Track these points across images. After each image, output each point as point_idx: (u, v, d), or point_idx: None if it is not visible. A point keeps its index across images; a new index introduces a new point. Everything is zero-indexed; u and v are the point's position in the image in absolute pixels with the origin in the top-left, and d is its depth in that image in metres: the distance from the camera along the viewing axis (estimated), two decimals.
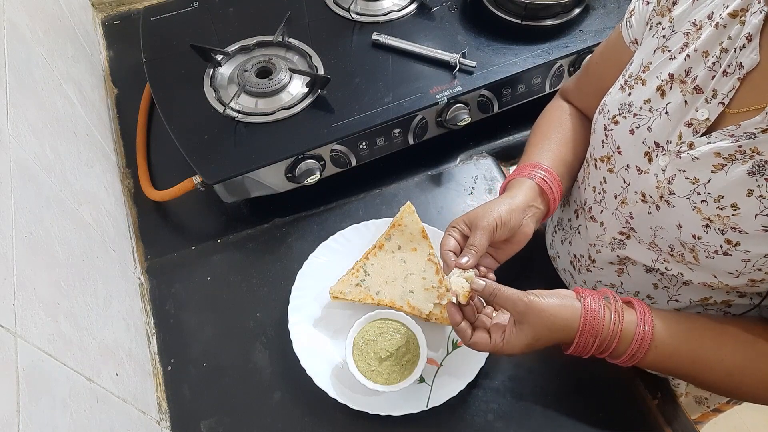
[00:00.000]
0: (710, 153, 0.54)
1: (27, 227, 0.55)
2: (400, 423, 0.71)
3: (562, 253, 0.81)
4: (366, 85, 0.91)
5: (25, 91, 0.66)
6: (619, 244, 0.68)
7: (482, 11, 1.01)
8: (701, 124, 0.55)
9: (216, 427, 0.74)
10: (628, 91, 0.63)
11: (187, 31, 1.00)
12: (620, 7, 0.99)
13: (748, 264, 0.55)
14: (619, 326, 0.59)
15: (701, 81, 0.56)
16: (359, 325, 0.74)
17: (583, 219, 0.73)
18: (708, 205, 0.55)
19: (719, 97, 0.54)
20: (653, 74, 0.61)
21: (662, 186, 0.59)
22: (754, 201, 0.52)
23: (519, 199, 0.68)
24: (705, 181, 0.55)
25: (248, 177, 0.84)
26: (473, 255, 0.65)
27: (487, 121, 0.96)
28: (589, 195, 0.72)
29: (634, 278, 0.69)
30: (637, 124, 0.61)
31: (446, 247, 0.67)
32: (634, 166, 0.62)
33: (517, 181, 0.72)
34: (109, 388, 0.62)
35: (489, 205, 0.68)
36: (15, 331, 0.47)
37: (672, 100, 0.58)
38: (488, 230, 0.65)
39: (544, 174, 0.71)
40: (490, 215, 0.66)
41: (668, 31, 0.61)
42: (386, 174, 0.96)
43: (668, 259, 0.62)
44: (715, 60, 0.55)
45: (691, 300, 0.65)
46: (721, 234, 0.55)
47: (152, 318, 0.83)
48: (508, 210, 0.67)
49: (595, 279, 0.74)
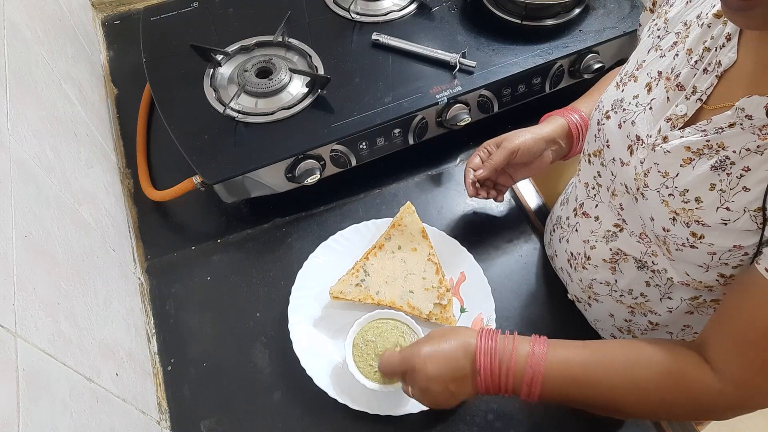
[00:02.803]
0: (681, 147, 0.56)
1: (27, 227, 0.55)
2: (400, 423, 0.71)
3: (559, 252, 0.82)
4: (366, 85, 0.91)
5: (25, 91, 0.66)
6: (613, 236, 0.69)
7: (482, 11, 1.01)
8: (679, 119, 0.57)
9: (216, 427, 0.74)
10: (622, 87, 0.65)
11: (187, 31, 1.00)
12: (620, 7, 0.99)
13: (714, 257, 0.56)
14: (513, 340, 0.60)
15: (683, 78, 0.58)
16: (359, 325, 0.74)
17: (578, 217, 0.75)
18: (674, 199, 0.56)
19: (698, 93, 0.56)
20: (644, 71, 0.63)
21: (639, 178, 0.61)
22: (715, 195, 0.53)
23: (546, 131, 0.79)
24: (673, 175, 0.56)
25: (248, 177, 0.84)
26: (487, 168, 0.78)
27: (487, 121, 0.96)
28: (581, 191, 0.74)
29: (627, 276, 0.69)
30: (625, 119, 0.63)
31: (470, 164, 0.81)
32: (619, 159, 0.64)
33: (553, 118, 0.81)
34: (109, 388, 0.62)
35: (519, 131, 0.79)
36: (15, 331, 0.47)
37: (656, 96, 0.60)
38: (509, 150, 0.77)
39: (578, 119, 0.80)
40: (516, 139, 0.78)
41: (663, 32, 0.63)
42: (386, 174, 0.96)
43: (656, 252, 0.64)
44: (698, 58, 0.56)
45: (683, 298, 0.65)
46: (686, 227, 0.56)
47: (152, 318, 0.83)
48: (534, 138, 0.78)
49: (591, 277, 0.74)
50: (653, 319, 0.71)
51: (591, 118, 0.71)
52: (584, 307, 0.81)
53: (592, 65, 0.96)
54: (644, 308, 0.71)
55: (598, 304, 0.77)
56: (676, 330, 0.71)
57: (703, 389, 0.55)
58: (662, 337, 0.74)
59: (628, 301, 0.72)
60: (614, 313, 0.76)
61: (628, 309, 0.73)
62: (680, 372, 0.56)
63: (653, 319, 0.71)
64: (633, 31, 0.96)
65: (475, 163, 0.80)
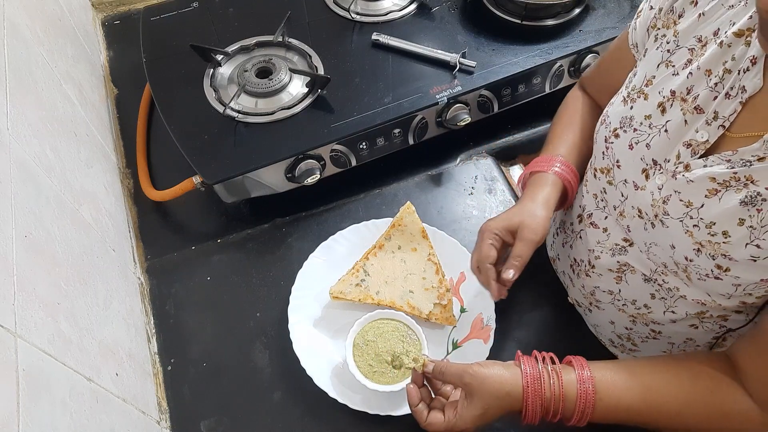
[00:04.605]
0: (705, 177, 0.53)
1: (27, 227, 0.55)
2: (400, 423, 0.71)
3: (562, 256, 0.81)
4: (366, 85, 0.91)
5: (25, 91, 0.66)
6: (621, 250, 0.67)
7: (482, 11, 1.01)
8: (700, 145, 0.54)
9: (216, 427, 0.74)
10: (630, 104, 0.62)
11: (187, 31, 1.00)
12: (620, 7, 0.99)
13: (739, 288, 0.55)
14: (560, 386, 0.59)
15: (702, 101, 0.54)
16: (359, 325, 0.74)
17: (584, 224, 0.73)
18: (700, 230, 0.54)
19: (720, 119, 0.53)
20: (655, 89, 0.59)
21: (657, 205, 0.58)
22: (744, 230, 0.51)
23: (552, 203, 0.70)
24: (698, 206, 0.54)
25: (248, 177, 0.84)
26: (517, 268, 0.66)
27: (487, 121, 0.96)
28: (590, 201, 0.72)
29: (632, 287, 0.68)
30: (637, 140, 0.61)
31: (486, 259, 0.68)
32: (632, 182, 0.62)
33: (545, 179, 0.72)
34: (109, 388, 0.62)
35: (534, 213, 0.69)
36: (15, 331, 0.47)
37: (672, 118, 0.57)
38: (534, 243, 0.67)
39: (569, 172, 0.73)
40: (539, 226, 0.67)
41: (673, 46, 0.59)
42: (386, 174, 0.96)
43: (666, 272, 0.62)
44: (718, 80, 0.53)
45: (688, 313, 0.64)
46: (711, 259, 0.54)
47: (152, 318, 0.83)
48: (549, 217, 0.69)
49: (594, 285, 0.73)
50: (655, 329, 0.70)
51: (597, 132, 0.68)
52: (584, 312, 0.81)
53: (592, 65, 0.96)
54: (646, 319, 0.70)
55: (599, 311, 0.76)
56: (678, 340, 0.71)
57: (747, 422, 0.57)
58: (663, 346, 0.73)
59: (630, 310, 0.71)
60: (615, 320, 0.75)
61: (629, 318, 0.72)
62: (726, 412, 0.58)
63: (655, 328, 0.70)
64: None
65: (491, 256, 0.68)
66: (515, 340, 0.80)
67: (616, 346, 0.79)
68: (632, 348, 0.77)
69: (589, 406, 0.59)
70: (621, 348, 0.79)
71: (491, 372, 0.61)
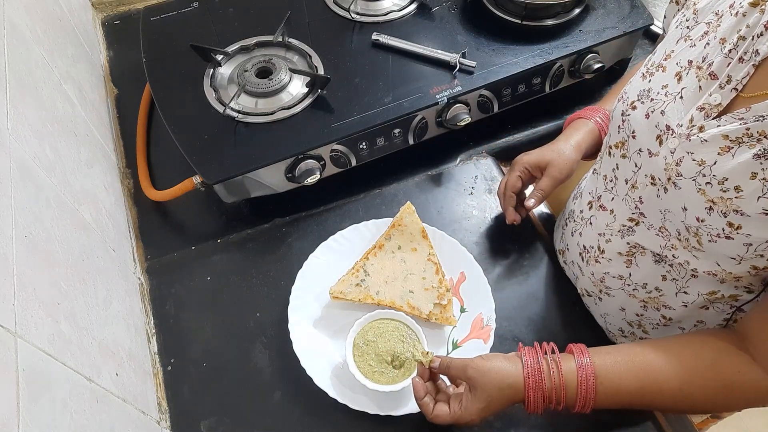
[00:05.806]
0: (718, 135, 0.54)
1: (27, 227, 0.55)
2: (400, 423, 0.71)
3: (571, 246, 0.81)
4: (366, 85, 0.91)
5: (25, 91, 0.66)
6: (629, 230, 0.68)
7: (482, 11, 1.01)
8: (713, 108, 0.56)
9: (216, 427, 0.74)
10: (649, 78, 0.64)
11: (187, 31, 1.00)
12: (620, 7, 0.99)
13: (750, 248, 0.55)
14: (559, 375, 0.62)
15: (716, 67, 0.56)
16: (359, 325, 0.74)
17: (594, 210, 0.74)
18: (712, 187, 0.55)
19: (733, 83, 0.54)
20: (673, 61, 0.62)
21: (670, 168, 0.59)
22: (757, 184, 0.52)
23: (585, 146, 0.79)
24: (711, 164, 0.55)
25: (248, 177, 0.84)
26: (538, 198, 0.77)
27: (487, 121, 0.96)
28: (600, 184, 0.73)
29: (642, 269, 0.69)
30: (653, 108, 0.62)
31: (514, 189, 0.79)
32: (646, 150, 0.63)
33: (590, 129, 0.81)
34: (109, 388, 0.62)
35: (563, 154, 0.78)
36: (15, 331, 0.47)
37: (687, 85, 0.59)
38: (559, 180, 0.77)
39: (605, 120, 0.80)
40: (565, 166, 0.77)
41: (692, 23, 0.62)
42: (386, 174, 0.96)
43: (676, 246, 0.63)
44: (732, 47, 0.55)
45: (699, 293, 0.65)
46: (723, 216, 0.55)
47: (152, 318, 0.83)
48: (576, 160, 0.78)
49: (604, 270, 0.74)
50: (666, 314, 0.71)
51: (614, 109, 0.70)
52: (594, 301, 0.81)
53: (592, 65, 0.96)
54: (658, 303, 0.70)
55: (610, 298, 0.77)
56: (689, 326, 0.71)
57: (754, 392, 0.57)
58: (674, 332, 0.73)
59: (641, 295, 0.71)
60: (626, 307, 0.75)
61: (640, 303, 0.73)
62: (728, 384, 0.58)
63: (666, 313, 0.71)
64: (633, 31, 0.96)
65: (517, 186, 0.79)
66: (515, 340, 0.80)
67: (626, 335, 0.80)
68: (643, 336, 0.77)
69: (591, 393, 0.61)
70: (631, 337, 0.79)
71: (493, 365, 0.63)
